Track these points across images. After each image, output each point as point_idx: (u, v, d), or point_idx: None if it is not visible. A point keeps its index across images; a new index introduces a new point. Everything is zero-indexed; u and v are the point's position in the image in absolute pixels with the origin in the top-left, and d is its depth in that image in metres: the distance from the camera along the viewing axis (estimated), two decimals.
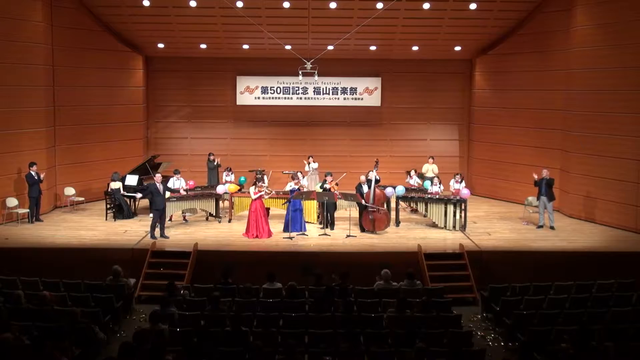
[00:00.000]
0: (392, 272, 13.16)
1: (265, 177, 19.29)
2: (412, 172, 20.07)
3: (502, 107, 21.55)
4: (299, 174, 18.66)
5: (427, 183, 19.22)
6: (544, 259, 15.37)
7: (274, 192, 17.53)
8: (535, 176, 17.71)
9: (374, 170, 17.45)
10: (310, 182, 20.22)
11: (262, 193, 16.91)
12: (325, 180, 17.85)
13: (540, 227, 17.77)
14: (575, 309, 12.05)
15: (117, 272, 13.25)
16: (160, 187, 16.46)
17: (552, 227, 17.61)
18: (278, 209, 18.12)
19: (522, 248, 15.98)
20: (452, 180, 18.75)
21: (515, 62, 20.96)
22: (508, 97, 21.34)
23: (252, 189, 17.02)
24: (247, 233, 16.83)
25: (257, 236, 16.64)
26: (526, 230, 17.62)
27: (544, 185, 17.56)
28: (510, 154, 21.32)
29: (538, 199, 17.83)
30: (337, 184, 17.94)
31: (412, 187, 19.16)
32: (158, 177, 16.79)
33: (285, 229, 17.07)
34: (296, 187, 17.57)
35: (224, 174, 20.05)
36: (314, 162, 20.78)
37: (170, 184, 18.12)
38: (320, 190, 17.78)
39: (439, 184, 18.43)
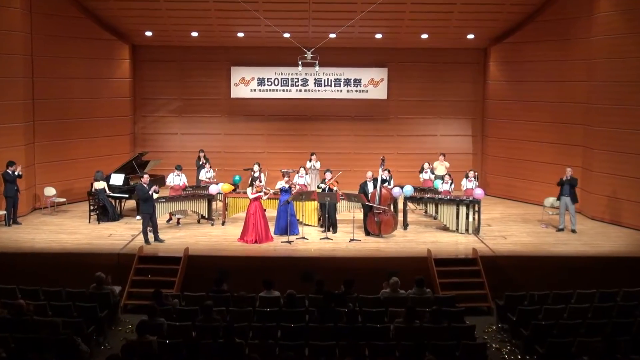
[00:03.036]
0: (400, 279, 13.13)
1: (262, 175, 19.23)
2: (426, 166, 20.02)
3: (519, 100, 21.52)
4: (302, 169, 18.61)
5: (438, 182, 19.20)
6: (565, 265, 15.34)
7: (272, 191, 17.47)
8: (568, 173, 17.62)
9: (381, 169, 17.41)
10: (312, 181, 20.17)
11: (261, 193, 16.86)
12: (325, 179, 17.82)
13: (561, 230, 17.73)
14: (599, 319, 12.01)
15: (101, 279, 13.21)
16: (147, 188, 16.42)
17: (573, 231, 17.58)
18: (274, 211, 18.05)
19: (540, 253, 15.95)
20: (465, 180, 18.70)
21: (533, 51, 20.92)
22: (525, 89, 21.31)
23: (249, 189, 16.99)
24: (243, 238, 16.77)
25: (256, 241, 16.62)
26: (545, 234, 17.60)
27: (566, 185, 17.54)
28: (527, 150, 21.29)
29: (559, 199, 17.79)
30: (337, 182, 17.89)
31: (422, 187, 19.14)
32: (145, 178, 16.76)
33: (283, 233, 17.06)
34: (287, 186, 17.50)
35: (204, 170, 19.94)
36: (315, 161, 20.73)
37: (168, 180, 18.14)
38: (320, 190, 17.75)
39: (451, 182, 18.40)
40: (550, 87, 20.54)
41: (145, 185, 16.45)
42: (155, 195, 16.67)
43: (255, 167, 18.99)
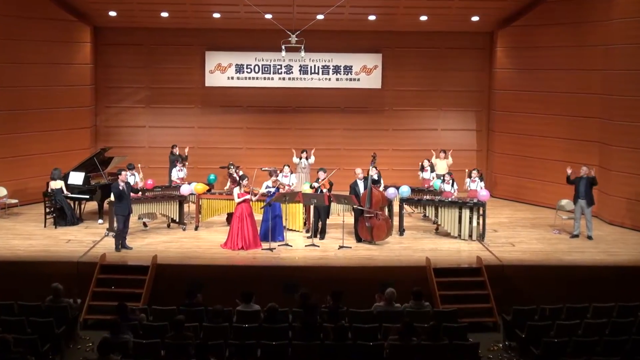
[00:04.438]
0: (395, 290, 13.14)
1: (239, 171, 19.21)
2: (426, 163, 20.03)
3: (529, 90, 21.60)
4: (285, 168, 18.60)
5: (437, 182, 19.23)
6: (580, 276, 15.39)
7: (260, 193, 17.42)
8: (569, 170, 17.69)
9: (371, 167, 17.42)
10: (298, 181, 20.18)
11: (249, 196, 16.82)
12: (318, 179, 17.82)
13: (576, 236, 17.80)
14: (618, 336, 12.04)
15: (58, 291, 13.15)
16: (124, 187, 16.35)
17: (589, 237, 17.65)
18: (256, 214, 18.04)
19: (553, 262, 16.00)
20: (468, 180, 18.73)
21: (545, 36, 21.00)
22: (536, 78, 21.39)
23: (235, 190, 16.95)
24: (227, 244, 16.80)
25: (242, 247, 16.62)
26: (558, 240, 17.67)
27: (583, 185, 17.51)
28: (538, 147, 21.38)
29: (575, 202, 17.82)
30: (330, 183, 17.91)
31: (420, 188, 19.17)
32: (124, 175, 16.62)
33: (264, 239, 17.04)
34: (273, 187, 17.49)
35: (175, 169, 19.88)
36: (306, 157, 20.71)
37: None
38: (309, 191, 17.74)
39: (452, 182, 18.43)
40: (564, 75, 20.62)
41: (121, 183, 16.37)
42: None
43: (232, 170, 18.96)
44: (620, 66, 18.82)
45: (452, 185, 18.38)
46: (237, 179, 18.45)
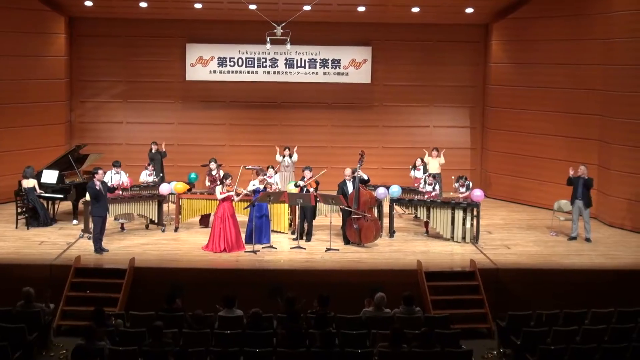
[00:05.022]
0: (385, 295, 13.16)
1: (221, 172, 19.17)
2: (418, 162, 20.04)
3: (525, 85, 21.66)
4: (270, 169, 18.57)
5: (422, 182, 19.18)
6: (578, 280, 15.44)
7: (244, 192, 17.37)
8: (571, 171, 17.74)
9: (359, 166, 17.42)
10: (282, 180, 20.18)
11: (232, 193, 16.80)
12: (303, 177, 17.82)
13: (574, 238, 17.86)
14: (617, 342, 12.09)
15: (30, 296, 13.11)
16: (101, 187, 16.29)
17: (588, 239, 17.73)
18: (239, 215, 18.01)
19: (550, 265, 16.06)
20: (456, 184, 18.66)
21: (543, 29, 21.06)
22: (533, 72, 21.45)
23: (218, 189, 16.93)
24: (209, 246, 16.79)
25: (224, 249, 16.63)
26: (555, 243, 17.73)
27: (580, 186, 17.60)
28: (535, 145, 21.44)
29: (572, 202, 17.89)
30: (317, 182, 17.91)
31: (411, 188, 19.19)
32: (100, 173, 16.55)
33: (248, 241, 17.04)
34: (261, 187, 17.49)
35: (146, 172, 19.79)
36: (289, 155, 20.70)
37: (106, 178, 17.97)
38: (294, 190, 17.73)
39: (435, 184, 18.40)
40: (562, 70, 20.68)
41: (97, 182, 16.31)
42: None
43: (212, 165, 18.94)
44: (621, 61, 18.89)
45: (434, 187, 18.38)
46: (218, 177, 18.47)
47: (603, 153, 19.63)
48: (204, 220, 18.76)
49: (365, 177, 17.53)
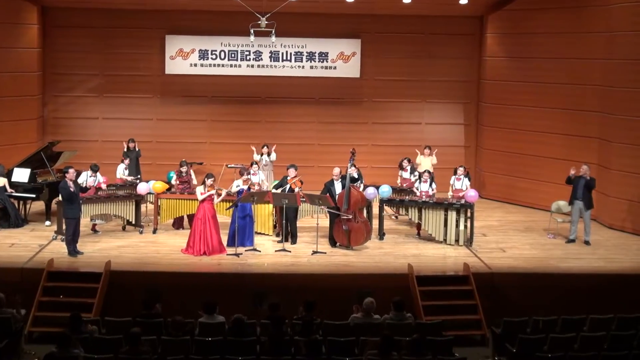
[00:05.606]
0: (374, 300, 13.16)
1: (191, 170, 19.10)
2: (405, 163, 20.04)
3: (522, 80, 21.71)
4: (253, 166, 18.54)
5: (417, 181, 19.21)
6: (577, 284, 15.48)
7: (225, 192, 17.32)
8: (573, 171, 17.69)
9: (350, 164, 17.42)
10: (266, 179, 20.12)
11: (212, 193, 16.75)
12: (286, 176, 17.79)
13: (572, 241, 17.90)
14: (617, 350, 12.14)
15: (0, 301, 13.08)
16: (73, 186, 16.24)
17: (587, 242, 17.77)
18: (221, 216, 18.00)
19: (547, 269, 16.11)
20: (453, 177, 18.72)
21: (540, 21, 21.11)
22: (530, 67, 21.49)
23: (199, 189, 16.91)
24: (189, 249, 16.77)
25: (205, 253, 16.60)
26: (552, 246, 17.78)
27: (580, 186, 17.57)
28: (531, 143, 21.47)
29: (571, 203, 17.90)
30: (301, 181, 17.90)
31: (401, 188, 19.21)
32: (71, 172, 16.49)
33: (230, 243, 17.03)
34: (245, 186, 17.47)
35: (122, 166, 19.70)
36: (267, 154, 20.64)
37: (81, 179, 17.93)
38: (278, 190, 17.73)
39: (430, 181, 18.41)
40: (561, 65, 20.73)
41: (69, 182, 16.27)
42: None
43: (183, 168, 18.79)
44: (622, 55, 18.95)
45: (430, 185, 18.38)
46: (189, 178, 18.47)
47: (603, 152, 19.69)
48: (179, 222, 18.74)
49: (355, 176, 17.54)
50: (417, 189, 18.43)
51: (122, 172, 19.61)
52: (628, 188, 18.90)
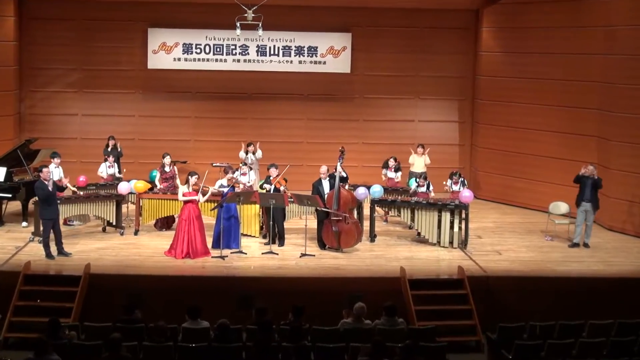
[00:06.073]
0: (365, 305, 13.17)
1: (175, 167, 19.06)
2: (392, 162, 20.03)
3: (519, 76, 21.73)
4: (242, 166, 18.50)
5: (413, 181, 19.24)
6: (575, 289, 15.53)
7: (211, 189, 17.26)
8: (583, 170, 17.52)
9: (339, 163, 17.43)
10: (257, 178, 20.07)
11: (195, 198, 16.68)
12: (269, 176, 17.78)
13: (576, 245, 17.83)
14: (617, 357, 12.17)
15: None
16: (50, 185, 16.18)
17: (586, 244, 17.81)
18: (205, 217, 17.97)
19: (544, 273, 16.15)
20: (449, 181, 18.74)
21: (538, 15, 21.14)
22: (527, 62, 21.53)
23: (182, 188, 16.86)
24: (172, 251, 16.74)
25: (188, 255, 16.58)
26: (550, 248, 17.81)
27: (589, 187, 17.50)
28: (528, 142, 21.51)
29: (578, 204, 17.80)
30: (285, 180, 17.87)
31: (394, 188, 19.22)
32: (46, 172, 16.39)
33: (215, 245, 17.02)
34: (228, 185, 17.43)
35: (105, 164, 19.64)
36: (253, 152, 20.60)
37: (56, 177, 17.90)
38: (263, 190, 17.70)
39: (428, 185, 18.42)
40: (559, 60, 20.77)
41: (46, 182, 16.21)
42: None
43: (166, 160, 18.78)
44: (623, 50, 18.99)
45: (428, 188, 18.39)
46: (173, 174, 18.44)
47: (602, 150, 19.72)
48: (162, 223, 18.71)
49: (344, 175, 17.54)
50: (417, 192, 18.39)
51: (105, 170, 19.56)
52: (628, 188, 18.93)
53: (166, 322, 12.51)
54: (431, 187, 18.44)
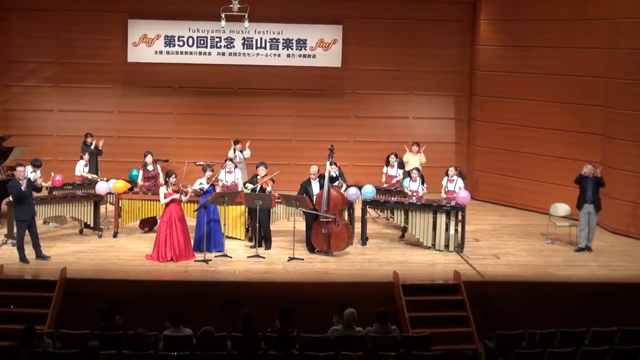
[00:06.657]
0: (356, 311, 13.17)
1: (158, 166, 19.02)
2: (392, 158, 20.03)
3: (518, 71, 21.77)
4: (229, 162, 18.47)
5: (406, 181, 19.23)
6: (577, 294, 15.52)
7: (190, 189, 17.22)
8: (585, 168, 17.52)
9: (329, 162, 17.42)
10: (244, 176, 20.04)
11: (176, 197, 16.67)
12: (256, 175, 17.76)
13: (582, 249, 17.78)
14: None
15: None
16: (24, 185, 16.12)
17: (588, 248, 17.80)
18: (189, 219, 17.95)
19: (544, 278, 16.17)
20: (445, 179, 18.73)
21: (538, 7, 21.20)
22: (527, 57, 21.57)
23: (162, 190, 16.83)
24: (154, 255, 16.70)
25: (172, 259, 16.55)
26: (551, 252, 17.83)
27: (591, 188, 17.50)
28: (528, 140, 21.56)
29: (579, 206, 17.80)
30: (272, 180, 17.86)
31: (387, 188, 19.22)
32: (20, 170, 16.33)
33: (198, 248, 16.99)
34: (207, 185, 17.38)
35: (81, 162, 19.60)
36: (241, 150, 20.58)
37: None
38: (249, 190, 17.69)
39: (421, 181, 18.39)
40: (560, 54, 20.81)
41: (20, 181, 16.16)
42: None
43: (148, 158, 18.77)
44: (627, 44, 19.03)
45: (422, 184, 18.37)
46: (156, 174, 18.40)
47: (606, 149, 19.76)
48: (146, 223, 18.68)
49: (334, 175, 17.52)
50: (407, 188, 18.41)
51: (81, 168, 19.53)
52: (633, 189, 18.96)
53: (147, 329, 12.49)
54: (424, 186, 18.39)
